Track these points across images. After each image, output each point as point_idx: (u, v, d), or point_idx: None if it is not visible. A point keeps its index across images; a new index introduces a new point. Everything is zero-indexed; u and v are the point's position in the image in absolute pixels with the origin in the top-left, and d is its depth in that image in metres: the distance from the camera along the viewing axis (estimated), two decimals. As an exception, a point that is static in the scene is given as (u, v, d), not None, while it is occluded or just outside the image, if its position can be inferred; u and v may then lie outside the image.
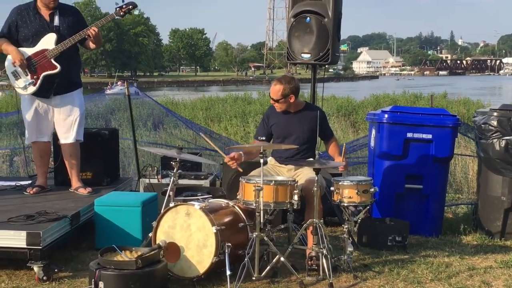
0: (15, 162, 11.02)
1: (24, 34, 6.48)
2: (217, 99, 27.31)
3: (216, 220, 5.03)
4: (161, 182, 7.26)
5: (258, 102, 24.97)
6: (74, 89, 6.66)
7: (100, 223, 5.97)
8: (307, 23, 7.18)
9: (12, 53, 6.39)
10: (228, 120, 18.89)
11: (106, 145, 7.20)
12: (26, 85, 6.43)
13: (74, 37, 6.40)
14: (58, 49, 6.38)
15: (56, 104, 6.58)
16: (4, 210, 5.81)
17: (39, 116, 6.62)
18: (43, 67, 6.39)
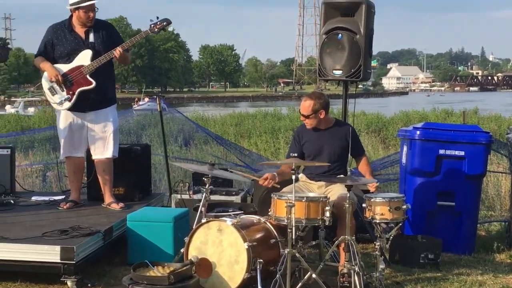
0: (48, 177, 11.13)
1: (60, 51, 6.60)
2: (246, 115, 27.34)
3: (248, 236, 5.05)
4: (193, 197, 7.28)
5: (287, 118, 24.92)
6: (108, 105, 6.75)
7: (133, 238, 6.00)
8: (339, 40, 7.19)
9: (48, 69, 6.50)
10: (258, 136, 18.89)
11: (138, 160, 7.26)
12: (62, 100, 6.53)
13: (109, 54, 6.50)
14: (93, 65, 6.48)
15: (90, 119, 6.67)
16: (38, 225, 5.90)
17: (74, 132, 6.71)
18: (78, 83, 6.49)
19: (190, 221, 6.24)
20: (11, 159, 7.64)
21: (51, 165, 11.90)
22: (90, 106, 6.61)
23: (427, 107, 32.50)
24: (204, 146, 14.82)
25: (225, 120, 24.72)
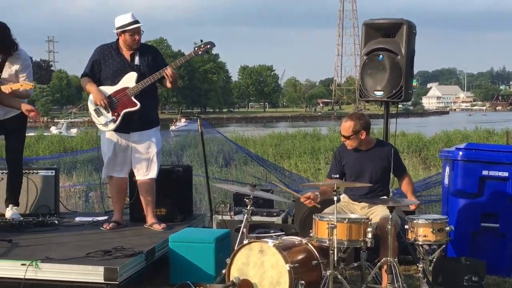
0: (90, 198, 11.26)
1: (105, 72, 6.72)
2: (286, 135, 27.39)
3: (290, 258, 5.04)
4: (234, 218, 7.31)
5: (327, 138, 24.90)
6: (152, 127, 6.83)
7: (175, 259, 6.03)
8: (380, 61, 7.18)
9: (94, 93, 6.62)
10: (298, 157, 18.88)
11: (180, 181, 7.31)
12: (107, 122, 6.63)
13: (153, 76, 6.59)
14: (138, 87, 6.58)
15: (134, 141, 6.76)
16: (82, 245, 5.97)
17: (118, 152, 6.80)
18: (123, 104, 6.59)
19: (231, 242, 6.26)
20: (55, 180, 7.77)
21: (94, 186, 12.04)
22: (134, 128, 6.70)
23: (468, 126, 32.17)
24: (244, 166, 14.85)
25: (265, 141, 24.77)
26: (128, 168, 6.91)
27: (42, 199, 7.64)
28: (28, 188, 7.60)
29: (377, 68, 7.23)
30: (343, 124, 6.00)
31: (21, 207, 7.42)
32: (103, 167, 6.94)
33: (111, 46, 6.82)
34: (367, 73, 7.31)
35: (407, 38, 7.10)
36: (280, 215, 7.43)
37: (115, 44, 6.81)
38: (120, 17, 6.72)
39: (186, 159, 15.64)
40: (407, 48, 7.10)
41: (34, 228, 6.83)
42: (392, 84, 7.16)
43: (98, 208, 10.26)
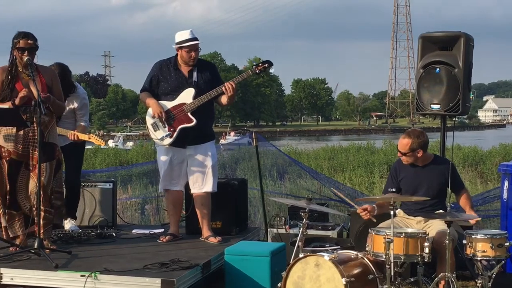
0: (146, 211, 11.38)
1: (164, 88, 6.81)
2: (339, 148, 27.23)
3: (346, 272, 5.02)
4: (289, 232, 7.31)
5: (381, 152, 24.68)
6: (207, 141, 6.89)
7: (230, 272, 6.05)
8: (437, 74, 7.12)
9: (153, 106, 6.71)
10: (352, 170, 18.77)
11: (235, 195, 7.36)
12: (163, 136, 6.72)
13: (210, 93, 6.65)
14: (195, 103, 6.65)
15: (190, 154, 6.82)
16: (139, 257, 6.05)
17: (174, 166, 6.87)
18: (180, 120, 6.68)
19: (286, 256, 6.26)
20: (113, 193, 7.89)
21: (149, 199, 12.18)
22: (190, 142, 6.77)
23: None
24: (298, 180, 14.83)
25: (318, 154, 24.69)
26: (184, 181, 6.98)
27: (100, 212, 7.77)
28: (86, 200, 7.74)
29: (434, 81, 7.17)
30: (400, 140, 5.97)
31: (80, 219, 7.56)
32: (160, 180, 7.03)
33: (170, 62, 6.91)
34: (424, 86, 7.25)
35: (465, 51, 7.03)
36: (335, 228, 7.40)
37: (174, 60, 6.90)
38: (179, 33, 6.82)
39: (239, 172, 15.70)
40: (464, 61, 7.02)
41: (93, 240, 6.96)
42: (449, 97, 7.08)
43: (154, 221, 10.38)
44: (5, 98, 6.16)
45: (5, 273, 5.55)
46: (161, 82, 6.84)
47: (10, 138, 6.22)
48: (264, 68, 6.80)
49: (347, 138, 63.58)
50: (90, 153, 25.59)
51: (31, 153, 6.25)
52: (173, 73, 6.83)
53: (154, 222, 10.32)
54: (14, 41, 6.20)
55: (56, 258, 5.79)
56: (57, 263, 5.60)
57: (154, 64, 6.98)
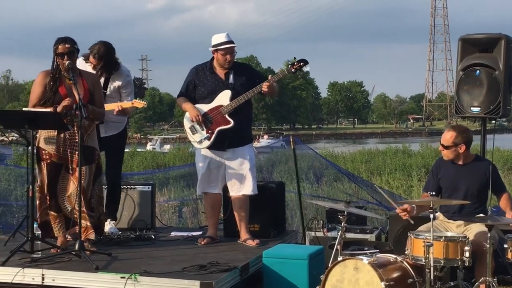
0: (184, 213, 11.45)
1: (200, 92, 6.86)
2: (376, 151, 27.06)
3: (385, 275, 4.99)
4: (327, 235, 7.29)
5: (419, 155, 24.48)
6: (245, 144, 6.92)
7: (268, 274, 6.06)
8: (477, 76, 7.06)
9: (190, 110, 6.76)
10: (389, 174, 18.65)
11: (273, 198, 7.36)
12: (201, 139, 6.76)
13: (247, 93, 6.68)
14: (232, 105, 6.68)
15: (228, 157, 6.85)
16: (178, 260, 6.09)
17: (212, 169, 6.91)
18: (218, 122, 6.71)
19: (325, 259, 6.25)
20: (152, 196, 7.93)
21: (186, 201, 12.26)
22: (228, 145, 6.80)
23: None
24: (335, 183, 14.79)
25: (355, 157, 24.57)
26: (222, 184, 7.01)
27: (139, 214, 7.82)
28: (125, 203, 7.81)
29: (474, 84, 7.11)
30: (445, 133, 5.94)
31: (119, 221, 7.63)
32: (198, 183, 7.06)
33: (205, 66, 6.96)
34: (463, 89, 7.19)
35: (505, 53, 6.96)
36: (373, 232, 7.36)
37: (210, 63, 6.94)
38: (216, 36, 6.86)
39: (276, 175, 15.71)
40: (505, 63, 6.95)
41: (132, 242, 7.02)
42: (489, 100, 7.02)
43: (192, 223, 10.44)
44: (48, 101, 6.26)
45: (47, 274, 5.63)
46: (197, 86, 6.89)
47: (51, 141, 6.31)
48: (300, 66, 6.78)
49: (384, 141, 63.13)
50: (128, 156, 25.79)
51: (71, 156, 6.33)
52: (209, 76, 6.87)
53: (192, 224, 10.37)
54: (54, 47, 6.29)
55: (97, 259, 5.86)
56: (97, 265, 5.67)
57: (190, 70, 7.04)
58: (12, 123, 6.41)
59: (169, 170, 18.23)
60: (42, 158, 6.34)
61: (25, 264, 5.81)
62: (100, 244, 6.77)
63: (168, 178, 16.19)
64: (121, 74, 7.37)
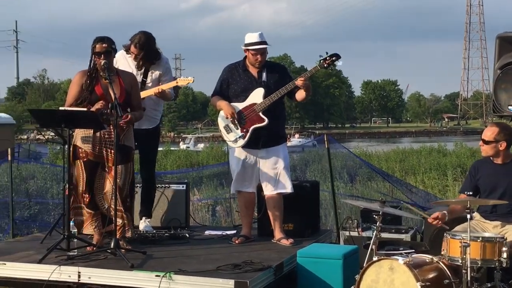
0: (217, 212, 11.48)
1: (234, 90, 6.87)
2: (411, 150, 26.88)
3: (421, 276, 4.94)
4: (362, 235, 7.24)
5: (454, 154, 24.26)
6: (279, 143, 6.91)
7: (302, 274, 6.04)
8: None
9: (224, 107, 6.77)
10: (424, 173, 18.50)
11: (307, 197, 7.34)
12: (236, 138, 6.76)
13: (281, 90, 6.66)
14: (265, 102, 6.67)
15: (262, 156, 6.85)
16: (212, 259, 6.09)
17: (246, 168, 6.91)
18: (252, 120, 6.71)
19: (359, 259, 6.22)
20: (186, 194, 7.96)
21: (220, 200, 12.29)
22: (262, 144, 6.79)
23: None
24: (369, 182, 14.72)
25: (389, 156, 24.44)
26: (256, 183, 7.01)
27: (173, 213, 7.84)
28: (159, 201, 7.84)
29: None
30: (487, 128, 5.88)
31: (154, 219, 7.66)
32: (232, 182, 7.07)
33: (238, 65, 6.97)
34: (501, 87, 7.09)
35: (545, 50, 6.84)
36: (408, 232, 7.30)
37: (243, 62, 6.95)
38: (249, 35, 6.85)
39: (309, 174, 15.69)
40: (544, 62, 6.84)
41: (167, 240, 7.05)
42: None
43: (225, 222, 10.46)
44: (84, 100, 6.32)
45: (83, 272, 5.69)
46: (231, 84, 6.90)
47: (88, 140, 6.37)
48: (332, 61, 6.71)
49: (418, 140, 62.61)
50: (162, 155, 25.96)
51: (106, 154, 6.38)
52: (242, 74, 6.88)
53: (225, 223, 10.40)
54: (92, 46, 6.35)
55: (132, 258, 5.90)
56: (132, 263, 5.71)
57: (224, 68, 7.05)
58: (49, 122, 6.47)
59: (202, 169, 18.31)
60: (79, 156, 6.40)
61: (61, 262, 5.87)
62: (135, 242, 6.82)
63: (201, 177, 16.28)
64: (160, 63, 7.36)
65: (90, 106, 6.25)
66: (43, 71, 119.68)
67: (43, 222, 10.97)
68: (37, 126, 7.13)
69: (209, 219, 11.10)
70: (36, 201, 11.89)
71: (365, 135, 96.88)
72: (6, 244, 7.75)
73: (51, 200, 12.06)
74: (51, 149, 25.59)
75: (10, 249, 6.68)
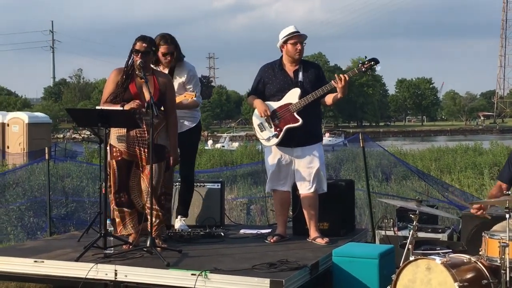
0: (252, 211, 11.48)
1: (270, 89, 6.87)
2: (446, 149, 26.59)
3: (459, 276, 4.89)
4: (398, 234, 7.19)
5: (490, 153, 23.94)
6: (315, 142, 6.89)
7: (338, 273, 6.01)
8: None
9: (258, 105, 6.78)
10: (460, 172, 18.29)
11: (342, 196, 7.32)
12: (269, 137, 6.76)
13: (317, 92, 6.65)
14: (301, 103, 6.66)
15: (297, 155, 6.83)
16: (248, 257, 6.10)
17: (281, 166, 6.90)
18: (286, 120, 6.70)
19: (395, 258, 6.17)
20: (221, 193, 7.99)
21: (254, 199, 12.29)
22: (297, 143, 6.78)
23: None
24: (404, 181, 14.60)
25: (424, 155, 24.19)
26: (291, 181, 6.99)
27: (208, 211, 7.88)
28: (195, 200, 7.86)
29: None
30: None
31: (189, 218, 7.70)
32: (267, 180, 7.06)
33: (274, 64, 6.96)
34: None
35: None
36: (445, 231, 7.22)
37: (279, 61, 6.94)
38: (284, 30, 6.88)
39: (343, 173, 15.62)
40: None
41: (202, 239, 7.07)
42: None
43: (260, 221, 10.45)
44: (117, 97, 6.35)
45: (120, 270, 5.73)
46: (267, 84, 6.90)
47: (122, 139, 6.40)
48: (371, 66, 6.69)
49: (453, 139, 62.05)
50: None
51: (140, 153, 6.41)
52: (278, 74, 6.87)
53: (260, 222, 10.40)
54: (133, 44, 6.39)
55: (167, 256, 5.93)
56: (168, 262, 5.73)
57: (260, 68, 7.06)
58: (86, 121, 6.54)
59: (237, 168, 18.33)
60: (112, 156, 6.44)
61: (98, 260, 5.93)
62: (170, 241, 6.86)
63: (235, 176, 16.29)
64: (183, 69, 7.38)
65: (125, 103, 6.28)
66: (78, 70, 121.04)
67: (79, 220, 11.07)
68: (74, 125, 7.19)
69: (243, 218, 11.10)
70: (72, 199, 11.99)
71: (399, 134, 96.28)
72: (44, 242, 7.83)
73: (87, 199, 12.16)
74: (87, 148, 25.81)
75: (48, 247, 6.77)
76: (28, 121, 30.26)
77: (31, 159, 23.98)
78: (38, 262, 6.07)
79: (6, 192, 12.92)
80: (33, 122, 30.63)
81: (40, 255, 6.23)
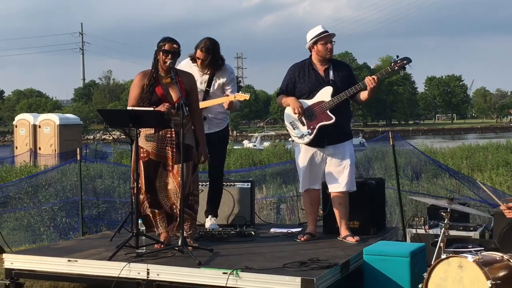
0: (281, 210, 11.51)
1: (300, 88, 6.87)
2: (477, 147, 26.36)
3: (491, 274, 4.85)
4: (429, 232, 7.15)
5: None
6: (345, 140, 6.89)
7: (369, 272, 5.99)
8: None
9: (291, 102, 6.79)
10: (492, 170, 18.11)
11: (373, 194, 7.29)
12: (302, 134, 6.77)
13: (350, 90, 6.66)
14: (334, 101, 6.67)
15: (328, 154, 6.84)
16: (278, 256, 6.11)
17: (313, 165, 6.90)
18: (319, 118, 6.71)
19: (427, 257, 6.14)
20: (251, 192, 8.01)
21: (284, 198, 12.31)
22: (329, 141, 6.78)
23: None
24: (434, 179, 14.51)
25: (455, 153, 24.00)
26: (321, 180, 6.99)
27: (239, 211, 7.91)
28: (225, 199, 7.89)
29: None
30: None
31: (219, 217, 7.73)
32: (300, 180, 7.05)
33: (305, 63, 6.96)
34: None
35: None
36: (477, 229, 7.17)
37: (308, 61, 6.95)
38: (311, 31, 6.87)
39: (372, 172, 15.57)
40: None
41: (233, 238, 7.10)
42: None
43: (289, 220, 10.47)
44: (145, 101, 6.40)
45: (152, 269, 5.77)
46: (297, 84, 6.90)
47: (150, 139, 6.44)
48: (403, 64, 6.68)
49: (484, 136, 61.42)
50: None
51: (167, 153, 6.45)
52: (309, 73, 6.88)
53: (290, 221, 10.41)
54: (159, 44, 6.42)
55: (199, 255, 5.96)
56: (200, 261, 5.76)
57: (289, 68, 7.06)
58: (117, 122, 6.58)
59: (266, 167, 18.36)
60: (140, 157, 6.47)
61: (130, 259, 5.98)
62: (201, 240, 6.90)
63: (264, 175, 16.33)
64: (226, 71, 7.44)
65: (154, 106, 6.32)
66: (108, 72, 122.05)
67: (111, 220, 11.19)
68: (105, 126, 7.27)
69: (273, 217, 11.14)
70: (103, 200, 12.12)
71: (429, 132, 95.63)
72: (76, 241, 7.92)
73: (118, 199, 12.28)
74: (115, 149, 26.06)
75: (80, 247, 6.85)
76: (59, 123, 30.66)
77: (62, 160, 24.29)
78: (71, 261, 6.14)
79: (39, 193, 13.11)
80: (64, 124, 31.02)
81: (73, 255, 6.29)
